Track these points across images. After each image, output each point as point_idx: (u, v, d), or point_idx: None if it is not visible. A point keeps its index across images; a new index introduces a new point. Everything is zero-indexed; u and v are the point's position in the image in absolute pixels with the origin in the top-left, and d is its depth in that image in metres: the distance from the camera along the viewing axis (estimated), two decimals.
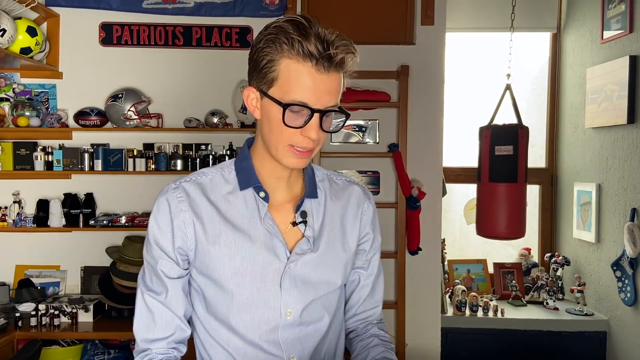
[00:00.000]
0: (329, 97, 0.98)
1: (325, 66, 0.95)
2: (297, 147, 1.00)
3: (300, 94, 0.96)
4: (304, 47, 0.94)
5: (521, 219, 2.69)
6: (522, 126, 2.68)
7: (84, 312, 2.77)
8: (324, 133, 1.01)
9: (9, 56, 2.70)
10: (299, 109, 0.97)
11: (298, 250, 1.09)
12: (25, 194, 3.05)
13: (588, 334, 3.02)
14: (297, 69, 0.95)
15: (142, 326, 1.10)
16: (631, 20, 2.79)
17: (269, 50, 0.97)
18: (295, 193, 1.13)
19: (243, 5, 3.06)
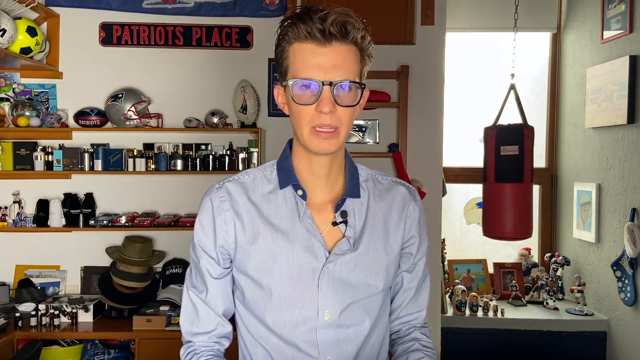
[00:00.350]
0: (337, 70, 0.98)
1: (324, 38, 0.97)
2: (318, 127, 1.00)
3: (307, 71, 0.98)
4: (304, 27, 0.97)
5: (528, 219, 2.68)
6: (528, 126, 2.67)
7: (84, 312, 2.77)
8: (344, 109, 1.00)
9: (9, 56, 2.70)
10: (307, 85, 0.99)
11: (337, 250, 1.08)
12: (25, 194, 3.05)
13: (588, 334, 3.02)
14: (301, 49, 0.99)
15: (186, 320, 1.14)
16: (631, 20, 2.79)
17: (281, 43, 1.02)
18: (337, 193, 1.12)
19: (243, 5, 3.06)
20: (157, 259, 3.00)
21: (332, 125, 1.00)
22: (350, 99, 1.01)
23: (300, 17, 0.99)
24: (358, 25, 1.00)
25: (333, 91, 0.98)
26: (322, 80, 0.98)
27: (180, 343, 1.16)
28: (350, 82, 1.00)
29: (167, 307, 2.79)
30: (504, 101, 2.82)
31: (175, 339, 2.66)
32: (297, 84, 0.99)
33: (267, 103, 3.10)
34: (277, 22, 3.40)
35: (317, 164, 1.08)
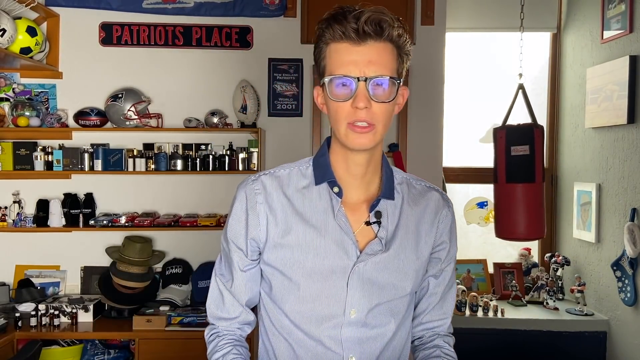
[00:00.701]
0: (373, 66, 0.99)
1: (359, 37, 0.99)
2: (354, 123, 1.01)
3: (343, 68, 1.00)
4: (339, 27, 1.00)
5: (541, 218, 2.67)
6: (537, 125, 2.66)
7: (83, 312, 2.77)
8: (380, 105, 1.01)
9: (9, 56, 2.70)
10: (343, 81, 1.00)
11: (369, 250, 1.09)
12: (25, 194, 3.05)
13: (588, 334, 3.02)
14: (337, 49, 1.01)
15: (213, 303, 1.18)
16: (631, 20, 2.79)
17: (318, 44, 1.05)
18: (372, 194, 1.13)
19: (243, 5, 3.06)
20: (157, 259, 3.00)
21: (368, 121, 1.01)
22: (385, 95, 1.01)
23: (335, 18, 1.01)
24: (393, 23, 1.01)
25: (368, 87, 0.99)
26: (357, 77, 0.99)
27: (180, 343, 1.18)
28: (385, 78, 1.00)
29: (167, 307, 2.79)
30: (513, 101, 2.82)
31: (175, 339, 2.67)
32: (333, 81, 1.01)
33: (267, 103, 3.10)
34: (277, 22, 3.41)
35: (353, 162, 1.09)
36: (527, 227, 2.62)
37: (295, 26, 3.08)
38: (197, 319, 2.68)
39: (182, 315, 2.70)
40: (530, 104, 2.77)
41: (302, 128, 3.10)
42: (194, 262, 3.09)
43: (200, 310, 2.76)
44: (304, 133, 3.10)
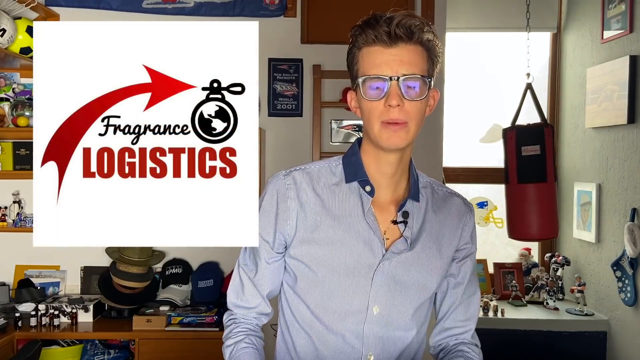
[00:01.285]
0: (404, 66, 1.03)
1: (391, 40, 1.03)
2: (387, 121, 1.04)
3: (375, 69, 1.04)
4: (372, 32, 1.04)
5: (554, 218, 2.67)
6: (547, 124, 2.66)
7: (83, 312, 2.77)
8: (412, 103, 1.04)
9: (8, 56, 2.70)
10: (375, 82, 1.04)
11: (394, 249, 1.12)
12: (25, 194, 3.04)
13: (588, 334, 3.02)
14: (369, 52, 1.05)
15: (233, 292, 1.21)
16: (631, 20, 2.79)
17: (352, 49, 1.09)
18: (399, 195, 1.16)
19: (243, 5, 3.06)
20: (157, 259, 3.00)
21: (401, 119, 1.04)
22: (417, 94, 1.05)
23: (368, 23, 1.05)
24: (423, 27, 1.05)
25: (400, 85, 1.03)
26: (390, 76, 1.03)
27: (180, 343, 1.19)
28: (416, 76, 1.04)
29: (167, 307, 2.79)
30: (521, 101, 2.82)
31: (175, 339, 2.67)
32: (366, 81, 1.05)
33: (267, 103, 3.10)
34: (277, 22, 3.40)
35: (385, 161, 1.12)
36: (541, 227, 2.62)
37: (295, 26, 3.08)
38: (197, 319, 2.68)
39: (182, 315, 2.70)
40: (539, 104, 2.77)
41: (302, 128, 3.10)
42: (194, 262, 3.09)
43: (200, 310, 2.76)
44: (304, 133, 3.10)
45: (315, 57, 3.06)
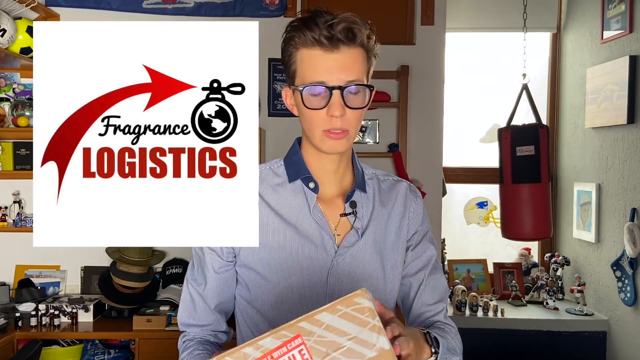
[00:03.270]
0: (345, 72, 1.00)
1: (332, 44, 0.99)
2: (329, 129, 1.02)
3: (316, 76, 1.00)
4: (310, 34, 0.99)
5: (547, 218, 2.68)
6: (542, 125, 2.67)
7: (84, 312, 2.77)
8: (354, 111, 1.02)
9: (9, 56, 2.70)
10: (318, 90, 1.00)
11: (346, 243, 1.09)
12: (25, 194, 3.05)
13: (588, 334, 3.02)
14: (309, 55, 1.01)
15: (184, 312, 1.15)
16: (631, 20, 2.79)
17: (287, 47, 1.04)
18: (345, 187, 1.14)
19: (243, 5, 3.06)
20: (157, 259, 3.00)
21: (343, 128, 1.02)
22: (359, 101, 1.03)
23: (307, 24, 1.00)
24: (364, 27, 1.02)
25: (342, 95, 1.00)
26: (332, 85, 1.00)
27: None
28: (359, 85, 1.01)
29: (167, 307, 2.79)
30: (517, 101, 2.82)
31: (175, 339, 2.66)
32: (307, 89, 1.01)
33: (267, 103, 3.10)
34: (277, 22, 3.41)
35: (327, 159, 1.10)
36: (534, 227, 2.64)
37: None
38: None
39: None
40: (535, 104, 2.77)
41: None
42: None
43: None
44: None
45: None
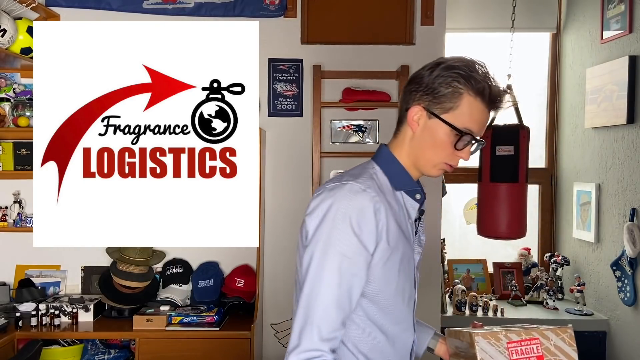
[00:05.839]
0: (484, 129, 1.21)
1: (494, 109, 1.20)
2: (449, 163, 1.20)
3: (471, 124, 1.16)
4: (491, 92, 1.16)
5: (522, 219, 2.69)
6: (523, 126, 2.68)
7: (84, 312, 2.77)
8: None
9: (9, 56, 2.70)
10: (467, 137, 1.16)
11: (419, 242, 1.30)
12: (25, 194, 3.05)
13: (588, 334, 3.02)
14: (477, 107, 1.17)
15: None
16: (631, 21, 2.80)
17: (456, 84, 1.16)
18: None
19: (243, 5, 3.06)
20: (157, 259, 3.00)
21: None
22: (475, 150, 1.22)
23: (489, 79, 1.17)
24: None
25: (473, 145, 1.19)
26: (477, 137, 1.18)
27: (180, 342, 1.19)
28: (484, 141, 1.20)
29: (167, 306, 2.79)
30: None
31: (175, 339, 2.67)
32: (466, 135, 1.16)
33: (267, 103, 3.10)
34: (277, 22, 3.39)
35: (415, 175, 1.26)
36: (509, 226, 2.65)
37: (295, 26, 3.08)
38: (198, 319, 2.68)
39: (183, 315, 2.70)
40: (518, 106, 2.78)
41: (302, 128, 3.10)
42: (194, 262, 3.09)
43: (200, 310, 2.76)
44: (304, 133, 3.10)
45: (315, 57, 3.06)
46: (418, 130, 1.20)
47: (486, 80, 1.16)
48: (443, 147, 1.18)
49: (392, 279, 1.19)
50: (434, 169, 1.22)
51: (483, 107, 1.17)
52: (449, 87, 1.16)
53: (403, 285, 1.22)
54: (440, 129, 1.17)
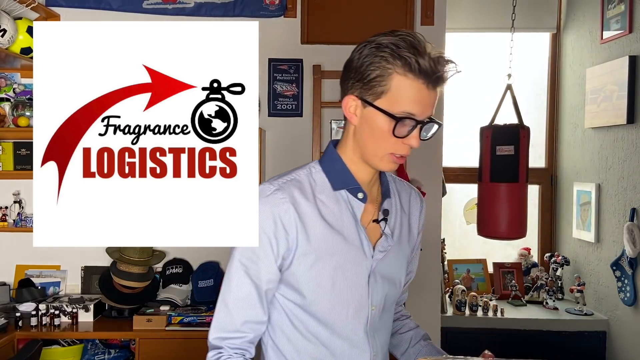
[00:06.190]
0: (430, 109, 1.05)
1: (435, 84, 1.03)
2: (397, 154, 1.07)
3: (408, 106, 1.02)
4: (420, 65, 1.00)
5: (522, 219, 2.69)
6: (523, 126, 2.68)
7: (84, 312, 2.77)
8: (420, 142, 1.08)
9: (9, 56, 2.70)
10: (411, 119, 1.03)
11: (380, 247, 1.15)
12: (25, 194, 3.05)
13: (588, 333, 3.02)
14: (410, 85, 1.01)
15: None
16: (631, 21, 2.80)
17: (381, 64, 1.02)
18: (374, 194, 1.19)
19: (243, 5, 3.06)
20: (157, 259, 3.00)
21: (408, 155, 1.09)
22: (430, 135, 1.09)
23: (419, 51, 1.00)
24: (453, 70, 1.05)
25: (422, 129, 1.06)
26: (423, 119, 1.04)
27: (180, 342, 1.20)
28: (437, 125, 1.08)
29: (167, 306, 2.79)
30: (500, 101, 2.83)
31: (175, 339, 2.68)
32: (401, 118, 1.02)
33: (267, 103, 3.10)
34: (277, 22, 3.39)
35: (369, 171, 1.15)
36: (509, 226, 2.65)
37: (295, 26, 3.08)
38: (198, 319, 2.68)
39: (183, 315, 2.70)
40: (518, 105, 2.78)
41: (302, 128, 3.10)
42: (194, 262, 3.09)
43: (200, 310, 2.76)
44: (304, 133, 3.10)
45: (315, 57, 3.06)
46: (357, 122, 1.09)
47: (414, 52, 1.00)
48: (383, 136, 1.05)
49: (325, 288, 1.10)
50: (381, 162, 1.09)
51: (418, 84, 1.01)
52: (377, 68, 1.02)
53: (345, 296, 1.11)
54: (377, 117, 1.04)
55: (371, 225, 1.15)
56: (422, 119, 1.03)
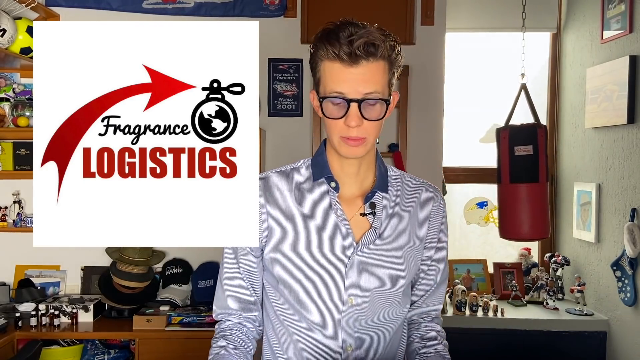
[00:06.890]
0: (364, 85, 1.04)
1: (351, 60, 1.03)
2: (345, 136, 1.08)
3: (335, 87, 1.05)
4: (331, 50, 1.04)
5: (545, 218, 2.67)
6: (541, 125, 2.67)
7: (84, 312, 2.77)
8: (372, 122, 1.08)
9: (9, 56, 2.70)
10: (336, 101, 1.06)
11: (365, 240, 1.16)
12: (25, 194, 3.05)
13: (588, 334, 3.02)
14: (331, 67, 1.06)
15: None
16: (631, 20, 2.79)
17: (313, 56, 1.11)
18: (366, 188, 1.20)
19: (243, 5, 3.06)
20: (157, 259, 3.00)
21: (359, 137, 1.08)
22: (376, 113, 1.08)
23: (329, 38, 1.05)
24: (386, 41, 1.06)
25: (360, 107, 1.05)
26: (350, 98, 1.04)
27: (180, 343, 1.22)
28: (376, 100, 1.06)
29: (167, 307, 2.79)
30: (515, 101, 2.82)
31: (175, 339, 2.67)
32: (327, 99, 1.07)
33: (267, 103, 3.10)
34: (277, 22, 3.41)
35: (347, 162, 1.17)
36: (532, 227, 2.63)
37: (295, 26, 3.08)
38: (198, 319, 2.68)
39: (182, 315, 2.70)
40: (533, 104, 2.77)
41: (302, 128, 3.10)
42: (194, 262, 3.09)
43: (200, 310, 2.76)
44: (304, 133, 3.10)
45: None
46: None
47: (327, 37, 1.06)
48: (327, 122, 1.10)
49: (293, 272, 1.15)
50: (339, 147, 1.11)
51: (338, 63, 1.04)
52: (313, 61, 1.12)
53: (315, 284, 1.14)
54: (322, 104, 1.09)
55: (357, 217, 1.17)
56: (354, 97, 1.04)
